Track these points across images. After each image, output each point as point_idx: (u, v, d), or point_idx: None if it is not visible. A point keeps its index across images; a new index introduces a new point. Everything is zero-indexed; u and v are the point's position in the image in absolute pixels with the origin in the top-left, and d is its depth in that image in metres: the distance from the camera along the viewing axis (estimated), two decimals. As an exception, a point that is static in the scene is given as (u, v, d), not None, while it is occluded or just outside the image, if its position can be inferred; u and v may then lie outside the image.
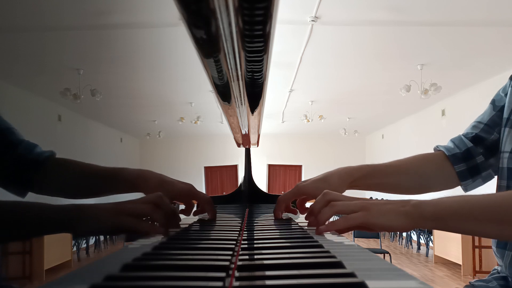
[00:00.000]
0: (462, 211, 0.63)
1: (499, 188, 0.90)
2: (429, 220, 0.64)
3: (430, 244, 7.59)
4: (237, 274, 0.38)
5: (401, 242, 9.41)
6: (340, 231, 0.68)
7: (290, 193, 0.89)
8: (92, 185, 0.90)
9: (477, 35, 4.72)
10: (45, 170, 0.86)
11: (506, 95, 0.94)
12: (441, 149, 0.99)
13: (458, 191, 0.95)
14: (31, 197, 0.84)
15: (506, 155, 0.87)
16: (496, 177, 0.92)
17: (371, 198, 9.16)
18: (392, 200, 0.67)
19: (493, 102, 0.98)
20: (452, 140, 1.00)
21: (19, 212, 0.66)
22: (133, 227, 0.64)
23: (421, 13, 4.13)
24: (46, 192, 0.90)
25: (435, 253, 6.90)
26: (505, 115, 0.90)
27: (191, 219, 0.92)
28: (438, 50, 5.19)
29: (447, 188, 0.98)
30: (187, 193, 0.87)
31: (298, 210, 0.95)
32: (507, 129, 0.89)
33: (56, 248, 6.27)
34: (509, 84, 0.93)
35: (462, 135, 1.00)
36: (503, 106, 0.94)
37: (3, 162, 0.83)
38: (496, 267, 0.94)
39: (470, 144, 0.95)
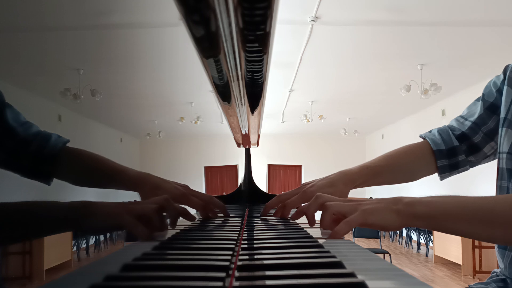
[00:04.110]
0: (455, 211, 0.63)
1: (499, 189, 0.89)
2: (421, 219, 0.64)
3: (430, 244, 7.59)
4: (237, 274, 0.38)
5: (401, 242, 9.41)
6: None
7: (297, 198, 0.88)
8: (98, 177, 0.96)
9: (476, 35, 4.71)
10: (59, 160, 0.93)
11: (497, 90, 0.94)
12: (427, 139, 1.02)
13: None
14: (56, 182, 0.96)
15: (504, 155, 0.87)
16: (495, 177, 0.93)
17: (371, 197, 9.15)
18: (384, 198, 0.67)
19: (483, 98, 0.98)
20: (439, 132, 1.02)
21: (26, 212, 0.68)
22: (132, 229, 0.65)
23: (421, 13, 4.12)
24: (64, 179, 0.97)
25: (435, 253, 6.89)
26: (502, 114, 0.91)
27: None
28: (438, 50, 5.19)
29: (427, 175, 1.05)
30: (179, 198, 0.87)
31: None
32: (504, 129, 0.89)
33: (56, 248, 6.27)
34: (504, 80, 0.92)
35: (450, 129, 1.02)
36: (493, 104, 0.95)
37: (20, 160, 0.91)
38: (495, 269, 0.94)
39: (456, 143, 0.99)
